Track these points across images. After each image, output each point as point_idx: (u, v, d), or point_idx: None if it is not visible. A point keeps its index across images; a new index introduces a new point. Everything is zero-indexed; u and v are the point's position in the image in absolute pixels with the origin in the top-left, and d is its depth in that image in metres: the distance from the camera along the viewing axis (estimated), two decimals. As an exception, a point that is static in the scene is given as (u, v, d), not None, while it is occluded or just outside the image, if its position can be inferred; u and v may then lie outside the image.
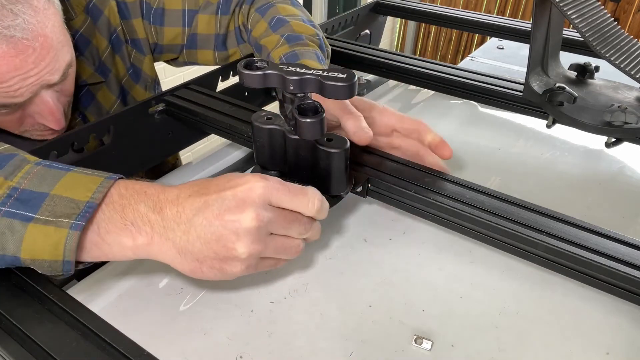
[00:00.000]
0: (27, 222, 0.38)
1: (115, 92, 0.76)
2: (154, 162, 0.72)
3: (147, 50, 0.78)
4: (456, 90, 0.75)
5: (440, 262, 0.54)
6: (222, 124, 0.61)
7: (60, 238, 0.38)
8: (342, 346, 0.45)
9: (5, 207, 0.38)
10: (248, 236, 0.40)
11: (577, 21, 0.57)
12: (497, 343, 0.45)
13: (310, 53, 0.67)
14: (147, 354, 0.35)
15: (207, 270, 0.42)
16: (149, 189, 0.42)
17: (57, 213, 0.38)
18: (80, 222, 0.38)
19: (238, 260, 0.41)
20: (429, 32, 3.69)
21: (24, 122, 0.63)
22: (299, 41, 0.69)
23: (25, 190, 0.39)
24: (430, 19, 1.05)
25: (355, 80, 0.42)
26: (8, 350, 0.36)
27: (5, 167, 0.40)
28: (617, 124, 0.60)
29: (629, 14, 2.99)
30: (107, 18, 0.73)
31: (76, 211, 0.38)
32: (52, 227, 0.38)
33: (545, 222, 0.46)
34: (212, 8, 0.77)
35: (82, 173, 0.41)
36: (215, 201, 0.40)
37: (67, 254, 0.38)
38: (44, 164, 0.41)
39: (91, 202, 0.39)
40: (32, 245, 0.38)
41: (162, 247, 0.41)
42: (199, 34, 0.77)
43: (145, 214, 0.41)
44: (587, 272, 0.44)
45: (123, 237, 0.40)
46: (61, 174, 0.41)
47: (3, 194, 0.39)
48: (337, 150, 0.48)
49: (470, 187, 0.51)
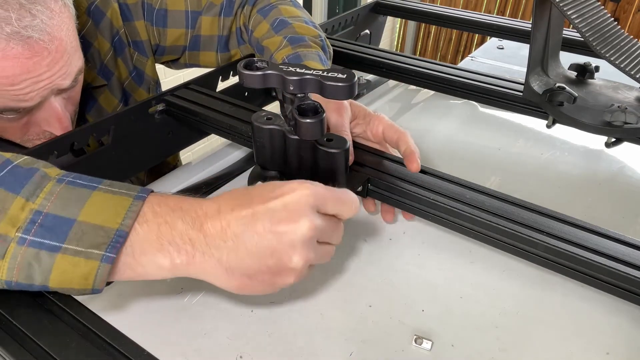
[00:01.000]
0: (54, 253, 0.36)
1: (118, 95, 0.76)
2: (154, 162, 0.72)
3: (149, 52, 0.78)
4: (456, 90, 0.75)
5: (440, 262, 0.54)
6: (222, 124, 0.61)
7: (91, 270, 0.36)
8: (342, 346, 0.45)
9: (30, 235, 0.36)
10: (304, 247, 0.39)
11: (577, 21, 0.57)
12: (497, 343, 0.45)
13: (313, 54, 0.66)
14: (147, 354, 0.35)
15: (257, 285, 0.40)
16: (184, 204, 0.39)
17: (85, 242, 0.36)
18: (111, 255, 0.36)
19: (292, 271, 0.40)
20: (429, 32, 3.69)
21: (29, 131, 0.62)
22: (301, 42, 0.68)
23: (49, 215, 0.36)
24: (430, 19, 1.05)
25: (355, 80, 0.42)
26: (8, 351, 0.36)
27: (26, 185, 0.37)
28: (617, 124, 0.60)
29: (629, 14, 2.99)
30: (109, 20, 0.72)
31: (106, 240, 0.36)
32: (82, 259, 0.36)
33: (545, 222, 0.46)
34: (216, 9, 0.77)
35: (109, 191, 0.38)
36: (264, 214, 0.38)
37: (97, 284, 0.37)
38: (67, 180, 0.38)
39: (121, 230, 0.36)
40: (61, 276, 0.36)
41: (205, 265, 0.39)
42: (202, 36, 0.77)
43: (185, 231, 0.38)
44: (587, 272, 0.44)
45: (160, 258, 0.38)
46: (87, 193, 0.38)
47: (26, 218, 0.36)
48: (337, 150, 0.48)
49: (470, 187, 0.51)
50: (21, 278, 0.36)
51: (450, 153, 0.74)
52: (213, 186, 0.67)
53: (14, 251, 0.36)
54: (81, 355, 0.35)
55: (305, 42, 0.69)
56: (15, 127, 0.60)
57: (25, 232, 0.36)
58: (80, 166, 0.59)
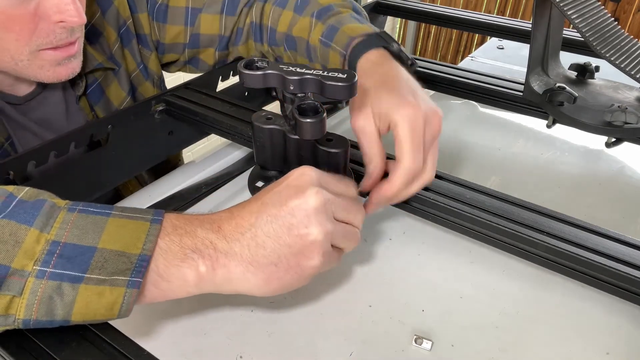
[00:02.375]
0: (77, 284, 0.34)
1: (126, 87, 0.74)
2: (154, 162, 0.72)
3: (152, 47, 0.76)
4: (456, 90, 0.75)
5: (440, 262, 0.54)
6: (222, 124, 0.61)
7: (117, 297, 0.35)
8: (342, 346, 0.45)
9: (49, 267, 0.34)
10: (318, 215, 0.39)
11: (577, 21, 0.57)
12: (497, 343, 0.45)
13: (346, 19, 0.63)
14: (147, 354, 0.35)
15: (285, 274, 0.39)
16: (199, 215, 0.40)
17: (109, 270, 0.35)
18: (137, 279, 0.35)
19: (314, 246, 0.39)
20: (429, 32, 3.69)
21: (37, 27, 0.55)
22: (329, 12, 0.65)
23: (67, 245, 0.35)
24: (430, 19, 1.05)
25: (355, 80, 0.42)
26: (8, 351, 0.36)
27: (37, 217, 0.35)
28: (617, 124, 0.60)
29: (629, 14, 2.99)
30: (116, 9, 0.71)
31: (129, 266, 0.35)
32: (107, 287, 0.34)
33: (545, 222, 0.46)
34: (217, 7, 0.74)
35: (124, 217, 0.37)
36: (272, 197, 0.39)
37: (123, 313, 0.35)
38: (79, 208, 0.37)
39: (144, 254, 0.36)
40: (85, 308, 0.35)
41: (229, 266, 0.38)
42: (201, 34, 0.76)
43: (206, 236, 0.38)
44: (587, 272, 0.44)
45: (185, 269, 0.37)
46: (102, 220, 0.37)
47: (43, 250, 0.34)
48: (338, 150, 0.48)
49: (470, 187, 0.51)
50: (41, 315, 0.34)
51: (450, 153, 0.74)
52: (213, 186, 0.67)
53: (32, 286, 0.33)
54: (81, 355, 0.35)
55: (332, 10, 0.65)
56: (23, 19, 0.54)
57: (43, 264, 0.34)
58: (80, 166, 0.59)
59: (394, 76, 0.52)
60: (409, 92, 0.48)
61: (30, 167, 0.53)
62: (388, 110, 0.46)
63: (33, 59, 0.58)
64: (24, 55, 0.57)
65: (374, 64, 0.56)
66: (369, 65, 0.56)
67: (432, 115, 0.47)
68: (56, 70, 0.60)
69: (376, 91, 0.48)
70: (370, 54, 0.57)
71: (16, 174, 0.52)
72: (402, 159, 0.45)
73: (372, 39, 0.58)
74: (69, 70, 0.61)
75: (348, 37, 0.60)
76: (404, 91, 0.48)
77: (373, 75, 0.53)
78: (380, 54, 0.57)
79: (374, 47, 0.57)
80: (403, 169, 0.46)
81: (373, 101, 0.47)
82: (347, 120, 0.83)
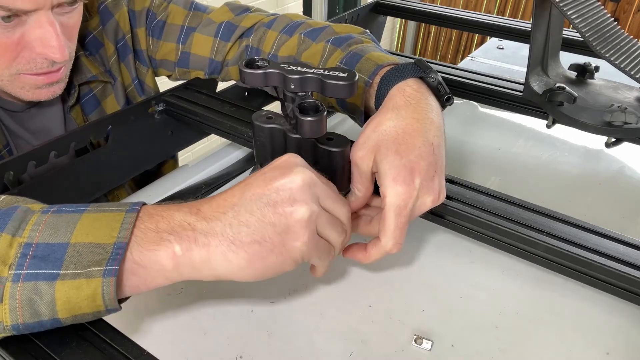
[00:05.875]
0: (53, 281, 0.34)
1: (121, 101, 0.74)
2: (153, 162, 0.72)
3: (148, 63, 0.76)
4: (456, 90, 0.75)
5: (440, 262, 0.54)
6: (222, 124, 0.61)
7: (96, 288, 0.34)
8: (342, 346, 0.45)
9: (23, 269, 0.33)
10: (303, 193, 0.38)
11: (577, 21, 0.57)
12: (497, 343, 0.45)
13: (371, 47, 0.58)
14: (147, 354, 0.35)
15: (269, 254, 0.37)
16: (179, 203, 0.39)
17: (84, 263, 0.34)
18: (113, 267, 0.34)
19: (300, 225, 0.37)
20: (429, 32, 3.69)
21: (19, 54, 0.56)
22: (349, 41, 0.60)
23: (40, 245, 0.34)
24: (430, 19, 1.05)
25: (356, 79, 0.42)
26: (8, 351, 0.36)
27: (9, 222, 0.35)
28: (617, 124, 0.60)
29: (629, 14, 2.99)
30: (116, 22, 0.71)
31: (105, 256, 0.34)
32: (83, 280, 0.34)
33: (545, 222, 0.46)
34: (212, 29, 0.71)
35: (98, 211, 0.37)
36: (257, 179, 0.38)
37: (107, 303, 0.35)
38: (53, 210, 0.37)
39: (119, 242, 0.35)
40: (67, 303, 0.34)
41: (210, 245, 0.37)
42: (191, 54, 0.73)
43: (183, 218, 0.37)
44: (587, 272, 0.44)
45: (161, 253, 0.36)
46: (75, 217, 0.36)
47: (16, 253, 0.34)
48: (338, 149, 0.48)
49: (470, 187, 0.51)
50: (27, 317, 0.34)
51: (450, 153, 0.74)
52: (213, 186, 0.67)
53: (10, 290, 0.34)
54: (81, 355, 0.35)
55: (353, 38, 0.61)
56: (6, 44, 0.55)
57: (18, 267, 0.34)
58: (80, 166, 0.59)
59: (417, 130, 0.45)
60: (419, 159, 0.44)
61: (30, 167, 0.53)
62: (385, 175, 0.44)
63: (13, 80, 0.59)
64: (4, 77, 0.59)
65: (407, 101, 0.48)
66: (402, 101, 0.48)
67: (426, 197, 0.44)
68: (36, 92, 0.61)
69: (388, 142, 0.45)
70: (405, 84, 0.49)
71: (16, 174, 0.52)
72: (382, 237, 0.44)
73: (408, 66, 0.51)
74: (49, 93, 0.62)
75: (374, 64, 0.54)
76: (412, 156, 0.44)
77: (399, 114, 0.46)
78: (417, 86, 0.49)
79: (410, 77, 0.50)
80: (382, 247, 0.44)
81: (380, 149, 0.44)
82: (347, 120, 0.83)
